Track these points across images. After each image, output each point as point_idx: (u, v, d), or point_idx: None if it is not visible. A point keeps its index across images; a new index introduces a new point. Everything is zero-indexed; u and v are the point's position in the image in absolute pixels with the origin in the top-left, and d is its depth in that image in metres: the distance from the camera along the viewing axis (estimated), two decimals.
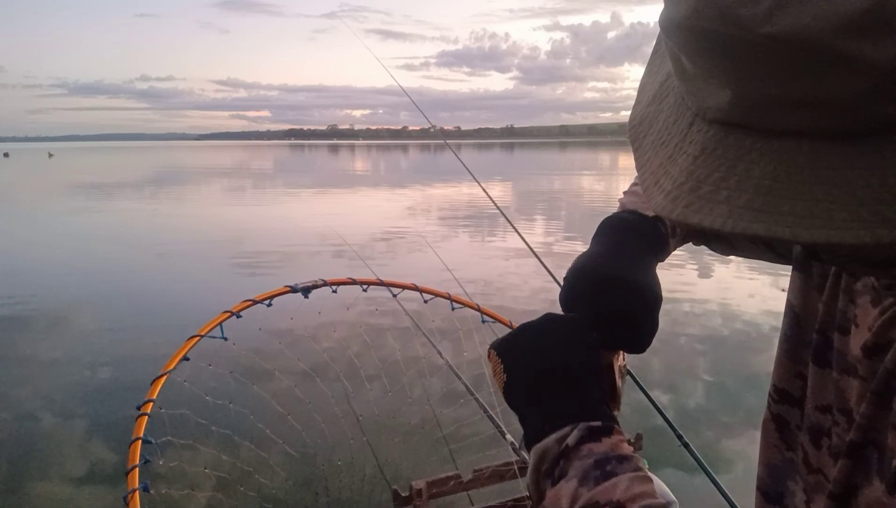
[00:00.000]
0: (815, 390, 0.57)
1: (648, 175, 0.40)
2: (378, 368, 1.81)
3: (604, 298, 0.58)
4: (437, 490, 1.93)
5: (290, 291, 1.37)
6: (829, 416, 0.54)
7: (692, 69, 0.36)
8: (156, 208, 17.84)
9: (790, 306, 0.64)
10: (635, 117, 0.44)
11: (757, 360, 5.14)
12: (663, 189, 0.38)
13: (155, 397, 1.25)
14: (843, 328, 0.54)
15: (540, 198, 20.02)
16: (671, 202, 0.37)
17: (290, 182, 29.59)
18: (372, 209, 17.14)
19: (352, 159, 67.04)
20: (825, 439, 0.55)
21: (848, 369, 0.53)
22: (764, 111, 0.33)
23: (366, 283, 1.45)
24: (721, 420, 4.13)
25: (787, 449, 0.62)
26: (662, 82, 0.42)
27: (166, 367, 1.28)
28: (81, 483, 3.45)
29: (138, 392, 1.23)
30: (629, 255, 0.62)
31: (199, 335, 1.28)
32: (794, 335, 0.62)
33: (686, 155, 0.37)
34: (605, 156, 66.60)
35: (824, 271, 0.59)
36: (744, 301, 6.76)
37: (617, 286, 0.58)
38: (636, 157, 0.42)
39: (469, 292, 1.84)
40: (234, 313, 1.32)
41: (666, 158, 0.39)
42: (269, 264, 9.19)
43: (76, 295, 7.44)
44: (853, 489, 0.48)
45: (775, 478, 0.63)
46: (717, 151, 0.35)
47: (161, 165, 53.31)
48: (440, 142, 3.22)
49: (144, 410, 1.22)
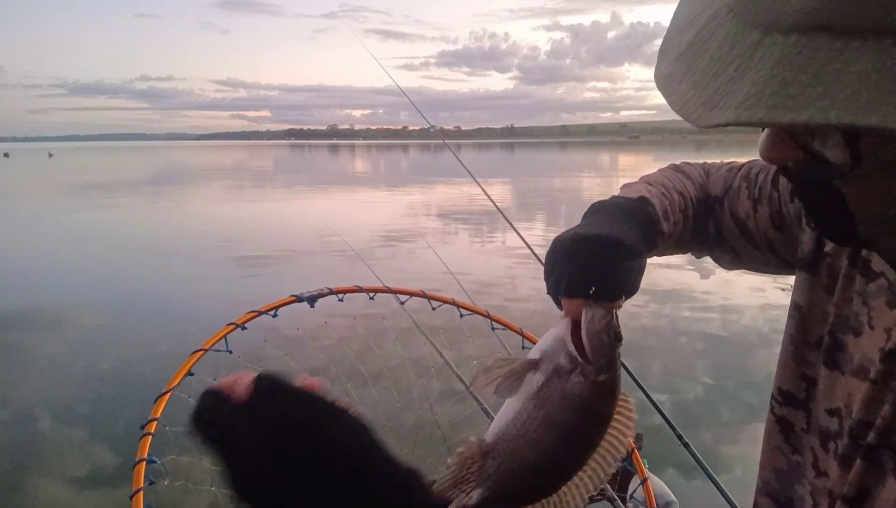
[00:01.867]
0: (825, 393, 0.56)
1: (699, 105, 0.36)
2: (378, 368, 1.81)
3: (576, 251, 0.57)
4: None
5: (295, 300, 1.35)
6: (837, 419, 0.54)
7: None
8: (156, 208, 17.84)
9: (796, 307, 0.63)
10: (678, 46, 0.40)
11: (757, 359, 5.14)
12: (730, 104, 0.34)
13: (159, 415, 1.21)
14: (856, 331, 0.53)
15: (540, 198, 20.02)
16: (749, 110, 0.33)
17: (291, 182, 29.59)
18: (372, 209, 17.14)
19: (352, 159, 67.04)
20: (832, 442, 0.55)
21: (858, 371, 0.52)
22: (859, 6, 0.31)
23: (373, 290, 1.42)
24: (721, 420, 4.13)
25: (792, 453, 0.61)
26: (700, 29, 0.39)
27: (170, 383, 1.24)
28: (82, 484, 3.45)
29: (138, 393, 1.21)
30: (602, 220, 0.62)
31: (203, 349, 1.26)
32: (799, 336, 0.61)
33: (758, 69, 0.33)
34: (605, 156, 66.59)
35: (833, 271, 0.58)
36: (744, 300, 6.75)
37: (586, 239, 0.57)
38: (683, 86, 0.38)
39: (468, 290, 1.84)
40: (239, 325, 1.30)
41: (725, 81, 0.35)
42: (269, 263, 9.19)
43: (76, 295, 7.44)
44: (866, 491, 0.48)
45: (783, 483, 0.62)
46: (802, 54, 0.32)
47: (161, 165, 53.32)
48: (440, 142, 3.21)
49: (149, 430, 1.18)
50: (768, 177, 0.71)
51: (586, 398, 0.53)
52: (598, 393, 0.53)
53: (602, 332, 0.54)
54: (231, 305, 7.04)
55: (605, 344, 0.54)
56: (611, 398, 0.54)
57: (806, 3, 0.32)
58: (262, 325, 1.36)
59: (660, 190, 0.72)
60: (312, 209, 17.41)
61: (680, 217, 0.74)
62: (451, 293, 1.68)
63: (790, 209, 0.68)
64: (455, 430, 1.78)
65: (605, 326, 0.54)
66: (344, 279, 1.60)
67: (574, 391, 0.53)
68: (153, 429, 1.19)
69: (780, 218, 0.69)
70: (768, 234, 0.71)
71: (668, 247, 0.77)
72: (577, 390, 0.53)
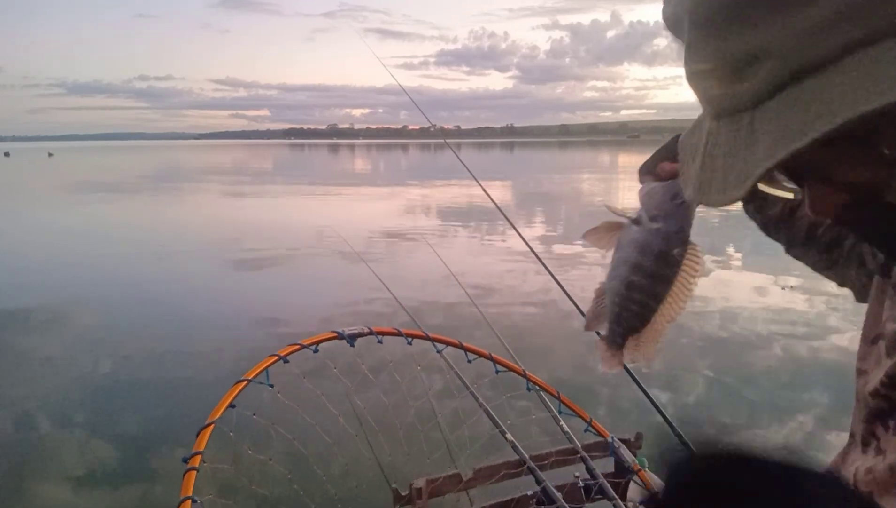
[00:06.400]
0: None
1: (727, 187, 0.41)
2: (379, 367, 1.81)
3: None
4: (437, 490, 1.93)
5: (337, 337, 1.40)
6: None
7: None
8: (156, 208, 17.84)
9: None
10: (695, 173, 0.45)
11: (758, 359, 5.14)
12: (751, 165, 0.39)
13: (203, 448, 1.14)
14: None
15: (540, 198, 20.02)
16: (767, 159, 0.37)
17: (291, 182, 29.59)
18: (372, 209, 17.15)
19: (352, 159, 67.03)
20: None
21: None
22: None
23: (411, 335, 1.48)
24: (722, 420, 4.13)
25: None
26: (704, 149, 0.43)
27: (213, 415, 1.19)
28: (81, 485, 3.45)
29: (138, 393, 1.20)
30: None
31: (245, 380, 1.25)
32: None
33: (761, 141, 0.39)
34: (606, 156, 66.58)
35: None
36: (745, 300, 6.76)
37: None
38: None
39: (468, 289, 1.84)
40: (282, 358, 1.32)
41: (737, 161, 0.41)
42: (269, 262, 9.19)
43: (75, 294, 7.43)
44: None
45: None
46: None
47: (161, 164, 53.31)
48: (440, 141, 3.21)
49: (193, 464, 1.10)
50: None
51: (643, 240, 0.72)
52: (653, 236, 0.71)
53: (654, 193, 0.72)
54: (231, 305, 7.05)
55: (655, 203, 0.71)
56: (666, 241, 0.71)
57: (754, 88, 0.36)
58: (298, 355, 1.38)
59: None
60: (312, 209, 17.41)
61: None
62: (450, 293, 1.68)
63: None
64: None
65: (658, 188, 0.72)
66: (344, 279, 1.60)
67: (635, 236, 0.73)
68: (198, 464, 1.11)
69: None
70: None
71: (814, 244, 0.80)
72: (636, 235, 0.73)
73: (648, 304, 0.74)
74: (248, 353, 5.13)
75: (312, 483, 1.97)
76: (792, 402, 4.35)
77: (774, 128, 0.36)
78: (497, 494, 1.95)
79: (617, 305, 0.76)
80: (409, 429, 1.89)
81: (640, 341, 0.78)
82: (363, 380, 1.77)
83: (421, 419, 1.90)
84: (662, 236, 0.71)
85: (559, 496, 1.84)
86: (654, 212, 0.72)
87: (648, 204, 0.72)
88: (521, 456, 1.92)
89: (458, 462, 1.91)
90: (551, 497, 1.84)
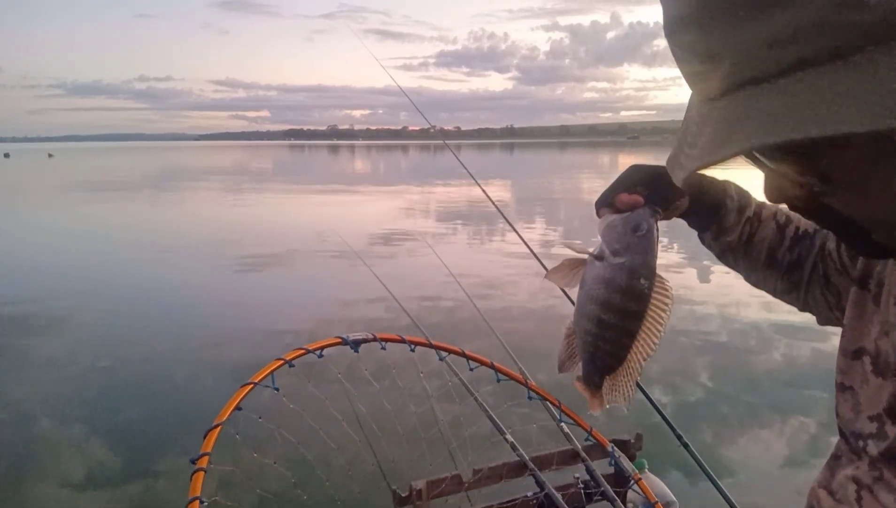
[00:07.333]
0: (871, 399, 0.59)
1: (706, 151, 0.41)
2: (380, 371, 1.81)
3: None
4: (437, 490, 1.93)
5: (341, 342, 1.41)
6: (877, 423, 0.57)
7: None
8: (155, 208, 17.84)
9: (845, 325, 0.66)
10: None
11: (757, 360, 5.15)
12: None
13: (210, 450, 1.14)
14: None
15: (540, 199, 20.02)
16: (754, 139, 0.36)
17: (291, 182, 29.59)
18: (372, 210, 17.15)
19: (352, 160, 67.05)
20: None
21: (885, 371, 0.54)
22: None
23: (415, 343, 1.50)
24: (721, 420, 4.13)
25: None
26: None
27: (219, 418, 1.21)
28: (81, 485, 3.45)
29: (138, 393, 1.21)
30: None
31: (252, 384, 1.26)
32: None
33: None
34: (605, 157, 66.60)
35: (880, 281, 0.60)
36: (744, 301, 6.75)
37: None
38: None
39: (469, 290, 1.84)
40: (287, 362, 1.33)
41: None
42: (269, 263, 9.19)
43: (75, 294, 7.44)
44: None
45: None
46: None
47: (161, 165, 53.32)
48: (440, 142, 3.21)
49: (201, 465, 1.11)
50: None
51: (607, 276, 0.69)
52: (617, 272, 0.69)
53: (614, 226, 0.70)
54: (231, 306, 7.05)
55: (616, 236, 0.69)
56: (631, 276, 0.68)
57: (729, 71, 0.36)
58: (300, 359, 1.38)
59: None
60: (312, 209, 17.41)
61: (773, 225, 0.78)
62: (450, 294, 1.68)
63: None
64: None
65: (618, 221, 0.70)
66: (345, 280, 1.60)
67: (598, 272, 0.70)
68: (206, 464, 1.12)
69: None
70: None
71: (755, 246, 0.80)
72: (600, 271, 0.70)
73: (621, 341, 0.72)
74: (247, 354, 5.13)
75: (314, 485, 1.97)
76: (792, 402, 4.35)
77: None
78: (497, 496, 1.95)
79: (590, 344, 0.73)
80: (410, 432, 1.89)
81: (615, 380, 0.76)
82: (364, 383, 1.77)
83: (422, 422, 1.90)
84: (627, 270, 0.68)
85: (560, 497, 1.84)
86: (617, 246, 0.69)
87: (609, 238, 0.70)
88: (522, 458, 1.92)
89: (458, 464, 1.91)
90: (552, 498, 1.85)
